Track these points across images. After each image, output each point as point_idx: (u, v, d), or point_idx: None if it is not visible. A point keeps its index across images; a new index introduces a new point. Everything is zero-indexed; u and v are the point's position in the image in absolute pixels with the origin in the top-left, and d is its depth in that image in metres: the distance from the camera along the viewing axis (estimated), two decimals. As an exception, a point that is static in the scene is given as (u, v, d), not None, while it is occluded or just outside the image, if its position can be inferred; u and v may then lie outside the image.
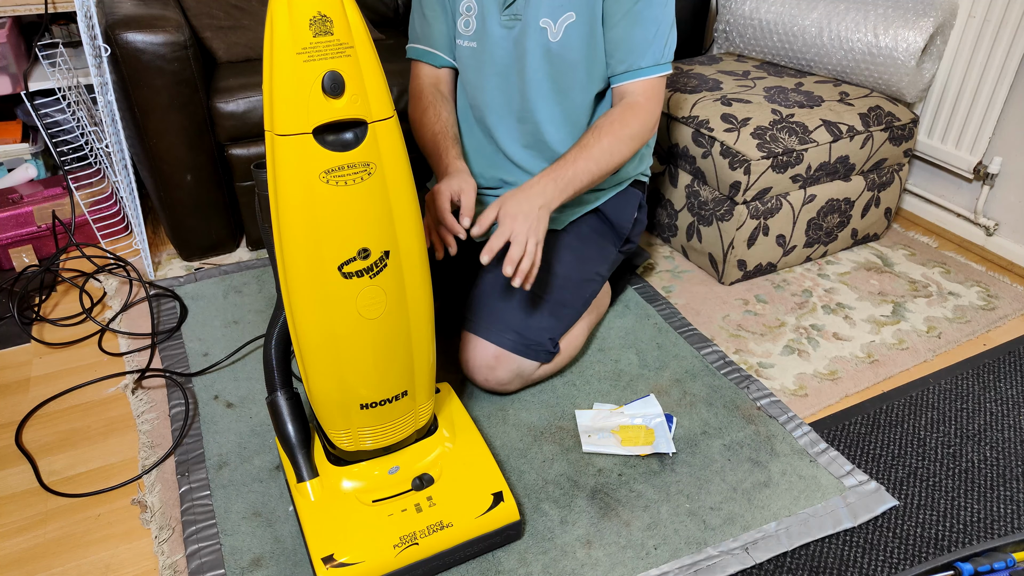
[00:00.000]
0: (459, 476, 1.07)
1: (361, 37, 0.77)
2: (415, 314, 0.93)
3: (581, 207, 1.40)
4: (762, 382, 1.40)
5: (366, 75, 0.78)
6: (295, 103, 0.75)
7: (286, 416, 1.04)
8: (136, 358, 1.47)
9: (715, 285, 1.71)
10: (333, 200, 0.79)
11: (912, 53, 1.68)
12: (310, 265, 0.82)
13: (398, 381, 0.97)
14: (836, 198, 1.72)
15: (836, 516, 1.13)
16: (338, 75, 0.75)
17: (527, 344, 1.28)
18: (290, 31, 0.74)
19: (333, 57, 0.75)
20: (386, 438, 1.02)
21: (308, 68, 0.74)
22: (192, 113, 1.58)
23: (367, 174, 0.80)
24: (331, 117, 0.76)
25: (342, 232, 0.82)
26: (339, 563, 0.95)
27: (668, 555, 1.07)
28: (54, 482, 1.20)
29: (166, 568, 1.05)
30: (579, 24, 1.23)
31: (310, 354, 0.91)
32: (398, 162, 0.83)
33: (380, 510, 1.01)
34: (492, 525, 1.04)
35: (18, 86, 1.79)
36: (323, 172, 0.78)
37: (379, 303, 0.87)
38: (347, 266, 0.83)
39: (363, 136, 0.79)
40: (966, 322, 1.59)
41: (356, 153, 0.79)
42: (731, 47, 2.05)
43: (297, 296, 0.86)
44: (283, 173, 0.78)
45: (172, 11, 1.58)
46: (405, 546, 0.98)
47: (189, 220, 1.70)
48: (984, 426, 1.32)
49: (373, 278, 0.85)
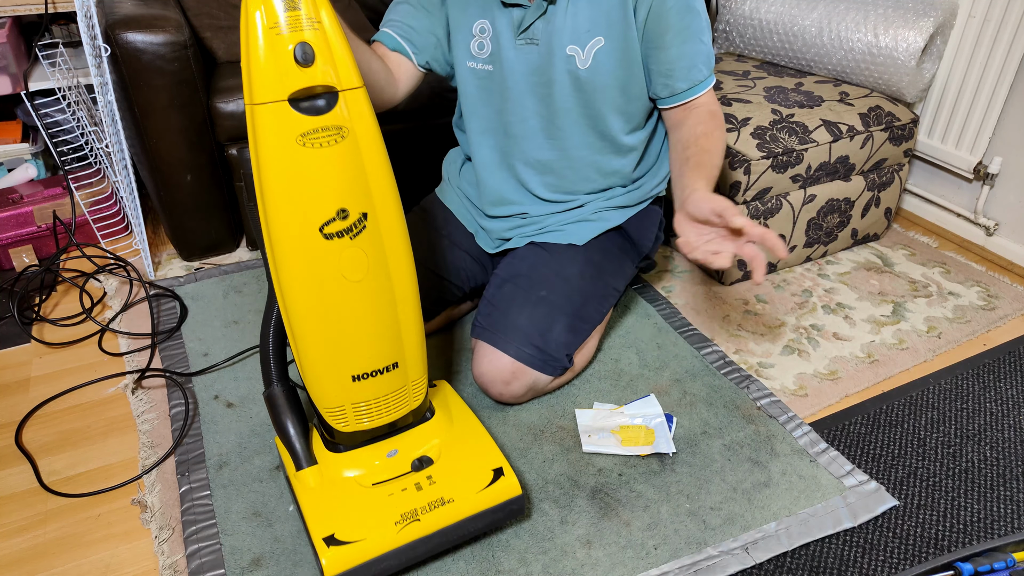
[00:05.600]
0: (458, 456, 1.07)
1: (328, 13, 0.84)
2: (398, 281, 0.96)
3: (604, 223, 1.38)
4: (762, 382, 1.40)
5: (333, 47, 0.84)
6: (270, 73, 0.82)
7: (284, 407, 1.06)
8: (136, 358, 1.47)
9: (715, 285, 1.71)
10: (310, 161, 0.85)
11: (912, 53, 1.68)
12: (293, 227, 0.87)
13: (387, 350, 0.99)
14: (836, 198, 1.72)
15: (836, 516, 1.13)
16: (308, 46, 0.82)
17: (545, 359, 1.27)
18: (263, 9, 0.81)
19: (303, 29, 0.82)
20: (381, 415, 1.03)
21: (280, 40, 0.81)
22: (192, 113, 1.58)
23: (340, 137, 0.86)
24: (303, 84, 0.83)
25: (320, 192, 0.86)
26: (341, 542, 0.95)
27: (668, 555, 1.07)
28: (54, 482, 1.20)
29: (166, 568, 1.05)
30: (609, 49, 1.20)
31: (299, 323, 0.93)
32: (369, 129, 0.88)
33: (380, 491, 1.01)
34: (494, 500, 1.03)
35: (18, 86, 1.79)
36: (299, 135, 0.84)
37: (361, 265, 0.91)
38: (328, 227, 0.88)
39: (334, 103, 0.85)
40: (966, 322, 1.59)
41: (328, 117, 0.85)
42: (731, 47, 2.05)
43: (283, 261, 0.89)
44: (263, 139, 0.84)
45: (172, 11, 1.58)
46: (406, 523, 0.98)
47: (189, 220, 1.70)
48: (984, 426, 1.32)
49: (354, 239, 0.89)
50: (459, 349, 1.48)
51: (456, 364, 1.44)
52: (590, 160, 1.32)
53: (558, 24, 1.19)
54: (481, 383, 1.29)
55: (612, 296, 1.38)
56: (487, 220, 1.43)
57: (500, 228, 1.42)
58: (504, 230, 1.41)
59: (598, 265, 1.34)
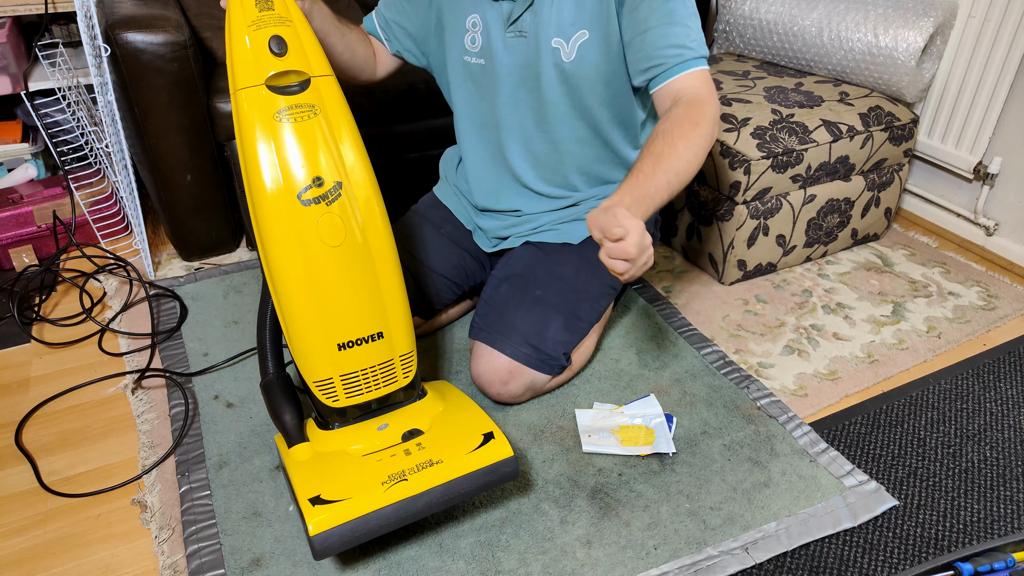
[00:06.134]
0: (449, 424, 1.07)
1: (297, 14, 1.00)
2: (378, 252, 1.02)
3: None
4: (762, 382, 1.40)
5: (304, 40, 0.98)
6: (250, 62, 0.95)
7: (278, 392, 1.09)
8: (136, 358, 1.47)
9: (715, 285, 1.71)
10: (286, 135, 0.96)
11: (912, 53, 1.68)
12: (274, 195, 0.96)
13: (371, 319, 1.02)
14: (836, 198, 1.72)
15: (836, 516, 1.13)
16: (281, 37, 0.96)
17: (542, 359, 1.27)
18: (242, 10, 0.96)
19: (276, 25, 0.96)
20: (370, 389, 1.05)
21: (257, 35, 0.95)
22: (192, 113, 1.58)
23: (313, 113, 0.97)
24: (278, 69, 0.95)
25: (297, 162, 0.96)
26: (327, 501, 0.95)
27: (668, 555, 1.07)
28: (54, 482, 1.20)
29: (166, 568, 1.05)
30: (593, 41, 1.20)
31: (285, 291, 0.99)
32: (339, 110, 0.99)
33: (369, 459, 1.01)
34: (484, 461, 1.02)
35: (18, 86, 1.79)
36: (276, 112, 0.95)
37: (338, 230, 0.98)
38: (305, 193, 0.96)
39: (307, 85, 0.97)
40: (966, 322, 1.59)
41: (301, 97, 0.97)
42: (731, 47, 2.05)
43: (267, 230, 0.97)
44: (246, 119, 0.95)
45: (172, 11, 1.58)
46: (394, 483, 0.97)
47: (189, 220, 1.70)
48: (984, 426, 1.32)
49: (329, 205, 0.98)
50: (458, 349, 1.48)
51: (455, 364, 1.44)
52: (582, 154, 1.32)
53: (544, 17, 1.20)
54: (479, 383, 1.29)
55: (609, 294, 1.38)
56: (483, 218, 1.44)
57: (496, 227, 1.42)
58: (500, 228, 1.41)
59: (594, 263, 1.34)
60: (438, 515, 1.12)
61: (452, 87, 1.35)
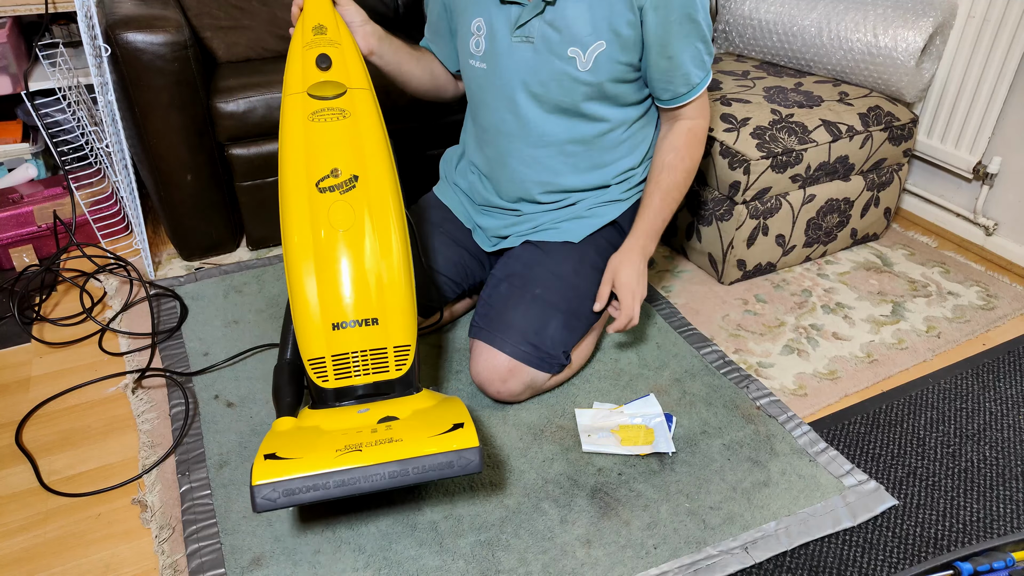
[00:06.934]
0: (427, 415, 1.05)
1: (347, 39, 1.18)
2: (384, 241, 1.09)
3: (599, 220, 1.38)
4: (762, 382, 1.41)
5: (348, 59, 1.15)
6: (298, 73, 1.13)
7: (284, 375, 1.15)
8: (136, 358, 1.47)
9: (715, 285, 1.71)
10: (316, 131, 1.10)
11: (912, 53, 1.68)
12: (298, 182, 1.08)
13: (367, 303, 1.08)
14: (835, 198, 1.72)
15: (835, 515, 1.14)
16: (327, 55, 1.13)
17: (542, 357, 1.27)
18: (301, 35, 1.16)
19: (325, 46, 1.14)
20: (359, 372, 1.07)
21: (308, 53, 1.14)
22: (192, 113, 1.58)
23: (343, 116, 1.11)
24: (318, 79, 1.12)
25: (320, 155, 1.09)
26: (278, 457, 0.94)
27: (668, 554, 1.07)
28: (54, 482, 1.20)
29: (166, 567, 1.05)
30: (610, 52, 1.21)
31: (292, 267, 1.08)
32: (370, 117, 1.13)
33: (336, 432, 1.01)
34: (445, 447, 0.98)
35: (18, 86, 1.79)
36: (311, 113, 1.11)
37: (347, 217, 1.08)
38: (323, 182, 1.08)
39: (342, 95, 1.12)
40: (966, 322, 1.59)
41: (335, 103, 1.11)
42: (730, 47, 2.05)
43: (287, 210, 1.08)
44: (287, 119, 1.11)
45: (172, 11, 1.58)
46: (347, 451, 0.96)
47: (189, 220, 1.70)
48: (984, 426, 1.32)
49: (343, 194, 1.09)
50: (458, 349, 1.49)
51: (455, 364, 1.45)
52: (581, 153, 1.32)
53: (557, 25, 1.20)
54: (479, 382, 1.30)
55: None
56: (482, 217, 1.44)
57: (495, 225, 1.42)
58: (499, 227, 1.42)
59: (593, 262, 1.35)
60: (438, 515, 1.13)
61: (467, 92, 1.39)
